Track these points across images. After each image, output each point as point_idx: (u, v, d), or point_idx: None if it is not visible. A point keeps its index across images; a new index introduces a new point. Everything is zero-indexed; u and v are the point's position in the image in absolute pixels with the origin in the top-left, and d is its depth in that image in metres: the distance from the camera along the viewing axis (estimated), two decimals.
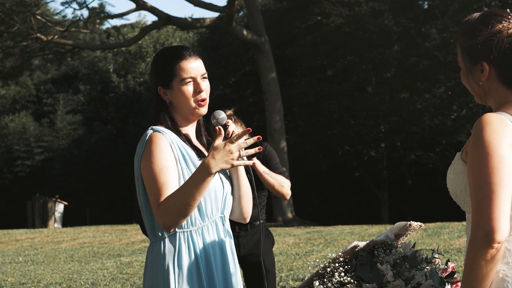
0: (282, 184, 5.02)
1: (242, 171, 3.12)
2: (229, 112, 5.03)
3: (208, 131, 3.26)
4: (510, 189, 2.26)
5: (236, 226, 5.01)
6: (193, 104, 3.04)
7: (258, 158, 5.00)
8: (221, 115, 3.06)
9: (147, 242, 16.70)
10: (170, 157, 2.94)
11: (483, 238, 2.21)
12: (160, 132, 2.97)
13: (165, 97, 3.07)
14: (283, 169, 5.16)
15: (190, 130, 3.12)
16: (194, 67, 3.05)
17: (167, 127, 3.03)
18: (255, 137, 2.92)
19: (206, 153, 3.09)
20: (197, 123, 3.17)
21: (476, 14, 2.51)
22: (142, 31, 28.57)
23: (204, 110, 3.08)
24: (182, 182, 2.94)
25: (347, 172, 33.41)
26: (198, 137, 3.18)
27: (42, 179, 37.30)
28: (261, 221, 5.10)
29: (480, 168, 2.26)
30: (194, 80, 3.04)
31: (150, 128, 3.00)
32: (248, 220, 3.17)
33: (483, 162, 2.26)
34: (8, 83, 40.03)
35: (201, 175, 2.82)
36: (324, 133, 31.71)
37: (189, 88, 3.03)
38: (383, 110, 30.33)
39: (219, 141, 2.84)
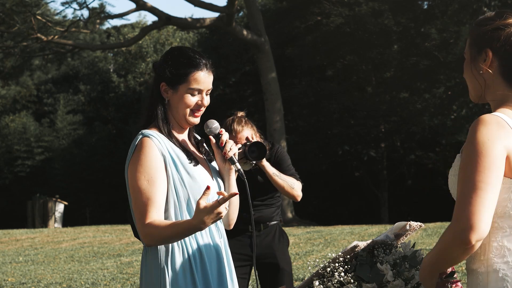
0: (293, 186, 5.01)
1: (233, 178, 3.14)
2: (241, 113, 5.02)
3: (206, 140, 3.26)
4: (497, 191, 2.26)
5: (249, 226, 5.01)
6: (188, 113, 3.03)
7: (269, 161, 5.02)
8: (214, 124, 3.09)
9: None
10: (159, 165, 2.92)
11: (460, 232, 2.21)
12: (149, 137, 2.96)
13: (165, 95, 3.06)
14: (294, 170, 5.16)
15: (181, 132, 3.13)
16: (206, 81, 3.04)
17: (158, 128, 3.02)
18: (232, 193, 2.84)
19: (196, 154, 3.10)
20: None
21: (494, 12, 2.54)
22: (142, 31, 28.57)
23: (196, 120, 3.08)
24: (171, 187, 2.93)
25: (347, 172, 33.40)
26: (189, 138, 3.18)
27: (42, 179, 37.29)
28: (275, 222, 5.14)
29: (471, 165, 2.27)
30: (200, 93, 3.04)
31: (140, 133, 2.99)
32: (231, 227, 3.20)
33: (475, 161, 2.26)
34: (8, 83, 40.02)
35: (193, 231, 2.84)
36: (324, 133, 31.71)
37: (192, 99, 3.03)
38: (383, 110, 30.34)
39: (203, 202, 2.76)
